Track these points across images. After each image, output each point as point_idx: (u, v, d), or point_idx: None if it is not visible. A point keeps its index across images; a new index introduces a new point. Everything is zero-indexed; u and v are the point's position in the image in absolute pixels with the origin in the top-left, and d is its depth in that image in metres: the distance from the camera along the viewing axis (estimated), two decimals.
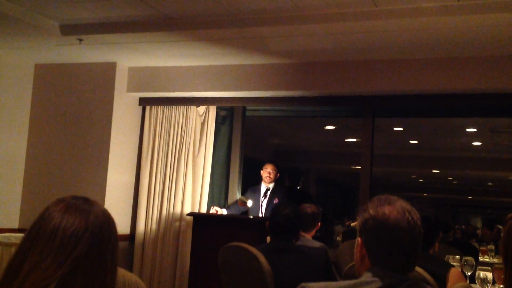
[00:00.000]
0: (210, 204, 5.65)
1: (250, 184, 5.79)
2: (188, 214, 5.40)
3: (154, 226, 5.65)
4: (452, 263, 3.23)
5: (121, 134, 5.67)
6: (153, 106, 5.85)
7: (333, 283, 1.61)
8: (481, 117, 7.18)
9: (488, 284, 3.11)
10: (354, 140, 10.08)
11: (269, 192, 5.51)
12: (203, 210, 5.59)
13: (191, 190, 5.63)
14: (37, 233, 1.28)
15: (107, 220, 1.35)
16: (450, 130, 8.84)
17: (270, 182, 5.55)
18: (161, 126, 5.79)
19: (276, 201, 5.37)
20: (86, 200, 1.36)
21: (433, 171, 14.38)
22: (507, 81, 4.54)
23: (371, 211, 1.60)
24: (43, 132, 5.82)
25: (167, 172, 5.69)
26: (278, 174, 5.63)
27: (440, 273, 2.71)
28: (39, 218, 1.31)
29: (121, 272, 1.59)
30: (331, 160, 13.18)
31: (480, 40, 4.25)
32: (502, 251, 1.80)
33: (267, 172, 5.55)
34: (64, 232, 1.27)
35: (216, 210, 5.37)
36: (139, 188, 5.77)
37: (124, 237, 5.62)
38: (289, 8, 4.01)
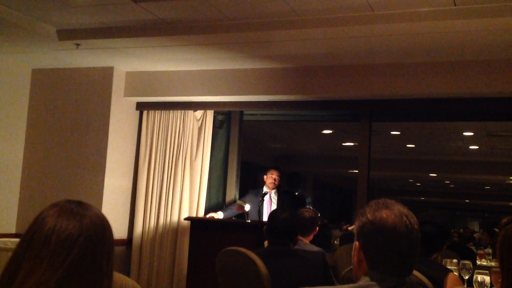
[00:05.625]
0: (208, 208, 5.65)
1: (248, 188, 5.80)
2: (186, 219, 5.39)
3: (151, 230, 5.64)
4: (450, 267, 3.23)
5: (119, 139, 5.66)
6: (150, 111, 5.85)
7: None
8: (478, 120, 7.20)
9: None
10: (351, 144, 10.09)
11: (266, 197, 5.52)
12: (201, 214, 5.58)
13: (188, 195, 5.62)
14: (32, 238, 1.27)
15: (102, 223, 1.34)
16: (447, 134, 8.86)
17: (273, 188, 5.59)
18: (159, 130, 5.78)
19: None
20: (80, 204, 1.35)
21: (430, 174, 14.39)
22: (503, 85, 4.55)
23: (368, 215, 1.61)
24: (40, 137, 5.80)
25: (165, 177, 5.68)
26: (280, 180, 5.69)
27: (438, 277, 2.71)
28: (33, 223, 1.30)
29: (119, 277, 1.58)
30: (328, 164, 13.19)
31: (476, 44, 4.26)
32: (498, 258, 1.81)
33: (272, 178, 5.60)
34: (58, 237, 1.26)
35: (211, 216, 5.37)
36: (137, 192, 5.76)
37: (121, 242, 5.60)
38: (286, 13, 4.01)
